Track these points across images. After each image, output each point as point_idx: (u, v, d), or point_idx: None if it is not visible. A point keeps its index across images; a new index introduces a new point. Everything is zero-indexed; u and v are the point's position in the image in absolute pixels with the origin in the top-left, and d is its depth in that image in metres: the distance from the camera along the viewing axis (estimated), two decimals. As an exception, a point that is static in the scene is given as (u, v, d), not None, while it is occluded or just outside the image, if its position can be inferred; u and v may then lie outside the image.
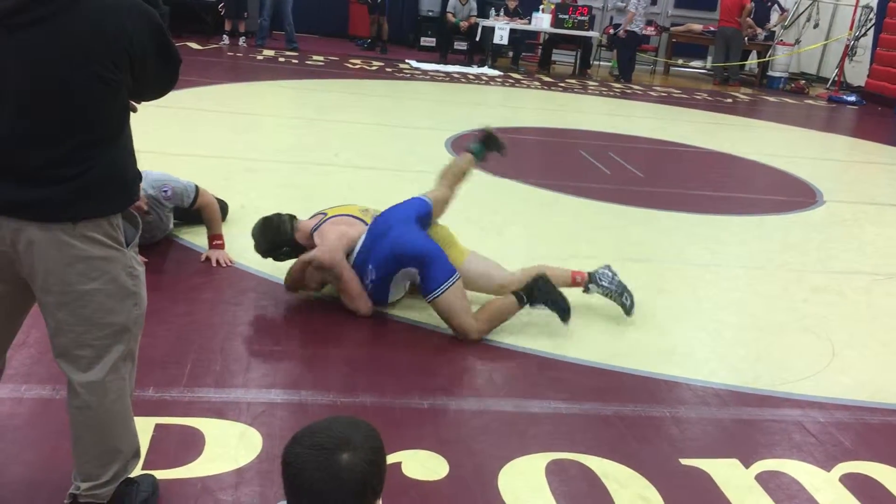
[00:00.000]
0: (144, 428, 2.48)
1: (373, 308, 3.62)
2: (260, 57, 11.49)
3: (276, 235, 3.69)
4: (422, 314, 3.67)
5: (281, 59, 11.48)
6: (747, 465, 2.78)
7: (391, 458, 2.40)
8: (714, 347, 3.77)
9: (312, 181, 5.70)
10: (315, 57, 11.95)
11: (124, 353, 2.05)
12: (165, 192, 4.01)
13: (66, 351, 2.01)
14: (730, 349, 3.78)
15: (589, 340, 3.64)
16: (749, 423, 3.11)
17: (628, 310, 3.86)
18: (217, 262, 4.03)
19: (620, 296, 3.87)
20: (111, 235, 1.96)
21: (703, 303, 4.27)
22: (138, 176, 2.07)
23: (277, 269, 3.91)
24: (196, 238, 4.30)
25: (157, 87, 2.07)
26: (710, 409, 3.18)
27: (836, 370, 3.60)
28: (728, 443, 2.95)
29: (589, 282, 3.91)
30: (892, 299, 4.56)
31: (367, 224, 3.75)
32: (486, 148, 4.08)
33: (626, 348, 3.61)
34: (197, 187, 4.11)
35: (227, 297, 3.72)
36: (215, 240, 4.10)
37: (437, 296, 3.41)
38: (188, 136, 6.56)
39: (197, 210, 4.13)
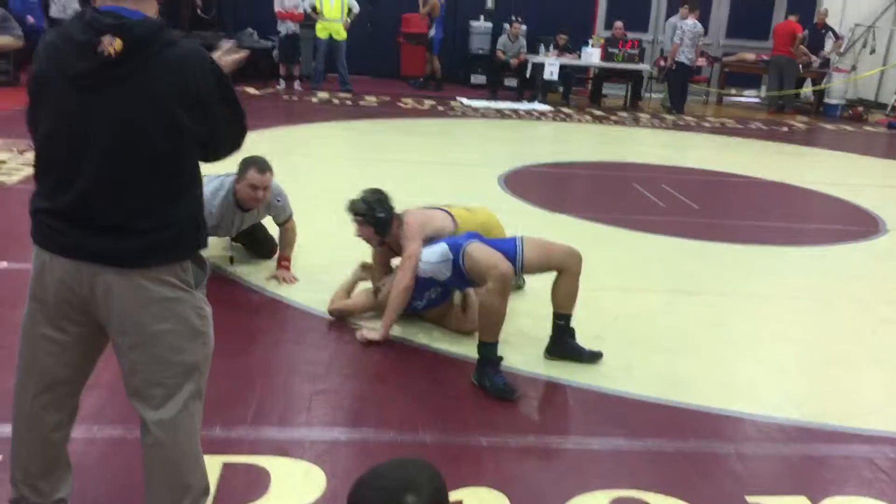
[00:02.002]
0: (212, 466, 2.54)
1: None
2: (315, 100, 11.75)
3: (381, 203, 3.90)
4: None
5: (335, 101, 11.72)
6: (816, 502, 2.72)
7: (452, 496, 2.42)
8: (777, 381, 3.70)
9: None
10: (368, 97, 12.17)
11: (194, 391, 2.12)
12: (279, 200, 4.48)
13: (138, 390, 2.08)
14: (794, 383, 3.71)
15: (648, 375, 3.61)
16: (816, 460, 3.05)
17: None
18: (283, 279, 4.40)
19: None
20: (182, 278, 2.04)
21: (763, 336, 4.20)
22: (205, 224, 2.16)
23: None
24: (255, 278, 4.41)
25: (229, 139, 2.13)
26: (776, 444, 3.12)
27: (906, 404, 3.51)
28: (795, 479, 2.89)
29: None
30: (962, 330, 4.43)
31: (446, 212, 4.06)
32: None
33: (685, 383, 3.57)
34: (292, 213, 4.58)
35: (289, 336, 3.80)
36: (283, 260, 4.50)
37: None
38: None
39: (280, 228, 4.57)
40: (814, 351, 4.06)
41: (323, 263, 4.74)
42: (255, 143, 8.43)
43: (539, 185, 7.63)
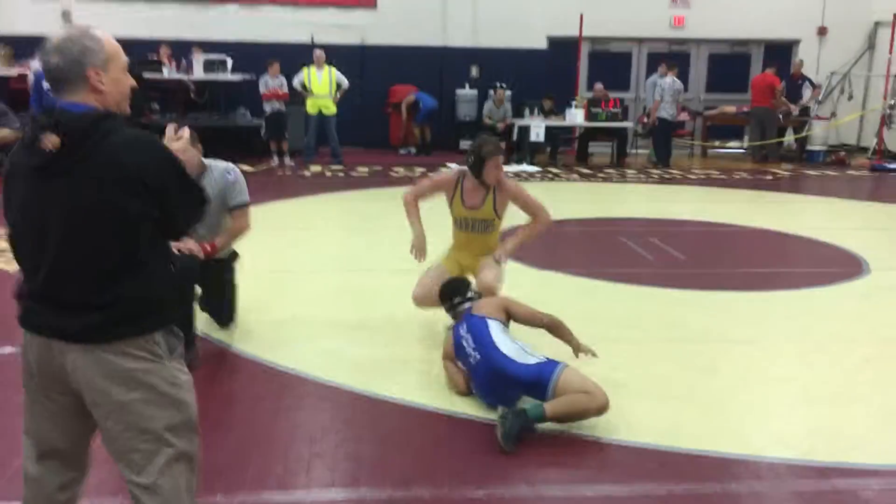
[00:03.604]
0: (214, 530, 2.62)
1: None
2: (307, 173, 12.00)
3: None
4: (471, 407, 3.78)
5: (328, 174, 11.97)
6: (803, 536, 2.80)
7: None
8: (765, 422, 3.79)
9: (364, 285, 5.92)
10: (360, 168, 12.43)
11: (172, 455, 2.19)
12: (230, 175, 4.36)
13: (119, 456, 2.20)
14: (780, 423, 3.80)
15: (636, 421, 3.70)
16: (804, 496, 3.13)
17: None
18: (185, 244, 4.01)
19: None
20: (148, 349, 2.15)
21: (751, 379, 4.30)
22: (175, 299, 2.29)
23: (332, 373, 4.08)
24: (251, 347, 4.52)
25: (185, 215, 2.26)
26: (764, 483, 3.20)
27: (890, 437, 3.60)
28: (783, 515, 2.97)
29: None
30: (945, 363, 4.53)
31: None
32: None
33: (674, 428, 3.65)
34: (248, 204, 4.48)
35: (287, 403, 3.89)
36: (211, 246, 4.30)
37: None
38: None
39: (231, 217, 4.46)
40: (800, 390, 4.15)
41: (320, 329, 4.86)
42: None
43: (529, 243, 7.76)
